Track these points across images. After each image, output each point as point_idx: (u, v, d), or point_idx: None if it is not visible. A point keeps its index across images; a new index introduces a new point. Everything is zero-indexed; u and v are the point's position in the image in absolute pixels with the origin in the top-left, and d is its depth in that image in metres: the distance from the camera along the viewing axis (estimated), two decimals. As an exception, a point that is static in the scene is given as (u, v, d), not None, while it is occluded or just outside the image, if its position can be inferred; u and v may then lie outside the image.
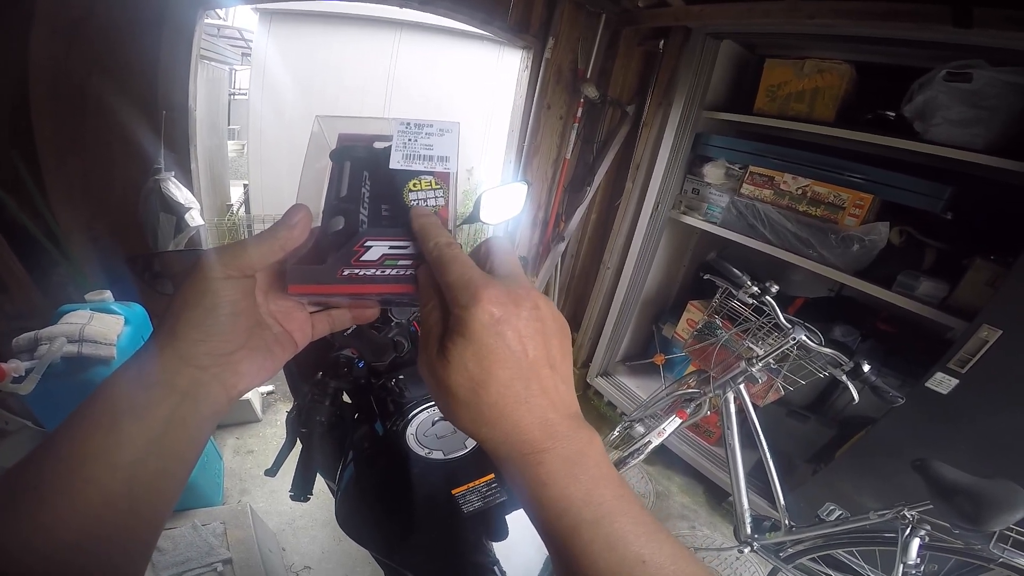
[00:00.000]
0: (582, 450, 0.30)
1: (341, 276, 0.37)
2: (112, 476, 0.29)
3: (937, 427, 1.63)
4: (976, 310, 1.52)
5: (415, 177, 0.42)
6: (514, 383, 0.30)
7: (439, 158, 0.42)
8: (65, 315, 1.39)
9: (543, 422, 0.30)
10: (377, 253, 0.37)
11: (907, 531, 1.33)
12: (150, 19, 1.69)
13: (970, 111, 1.55)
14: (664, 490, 2.46)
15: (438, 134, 0.43)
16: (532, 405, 0.30)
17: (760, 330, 1.72)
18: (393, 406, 0.92)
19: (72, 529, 0.28)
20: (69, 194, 1.76)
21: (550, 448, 0.30)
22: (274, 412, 2.54)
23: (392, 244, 0.38)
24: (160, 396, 0.32)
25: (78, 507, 0.28)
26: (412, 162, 0.42)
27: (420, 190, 0.41)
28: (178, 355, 0.33)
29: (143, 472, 0.31)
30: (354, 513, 0.86)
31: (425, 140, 0.42)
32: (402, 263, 0.37)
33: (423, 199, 0.41)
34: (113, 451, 0.30)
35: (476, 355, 0.30)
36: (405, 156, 0.42)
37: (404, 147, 0.42)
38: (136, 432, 0.31)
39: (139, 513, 0.31)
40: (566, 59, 2.53)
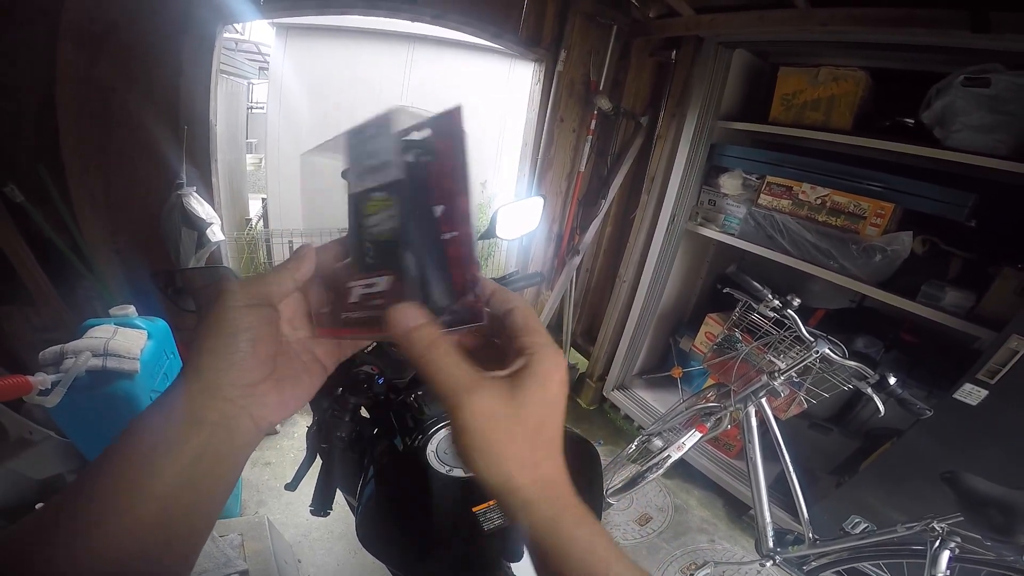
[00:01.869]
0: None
1: (344, 319, 0.37)
2: (145, 508, 0.30)
3: (966, 439, 1.60)
4: (1005, 320, 1.49)
5: (369, 198, 0.35)
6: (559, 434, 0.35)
7: (382, 165, 0.34)
8: (90, 329, 1.41)
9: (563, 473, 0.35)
10: (357, 295, 0.36)
11: (936, 543, 1.30)
12: (171, 34, 1.73)
13: (991, 116, 1.53)
14: (683, 503, 2.42)
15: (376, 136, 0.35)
16: (558, 458, 0.35)
17: (781, 343, 1.69)
18: (412, 422, 0.92)
19: (106, 560, 0.28)
20: (94, 208, 1.81)
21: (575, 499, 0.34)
22: (291, 424, 2.56)
23: (365, 284, 0.36)
24: (190, 430, 0.32)
25: (112, 539, 0.29)
26: (363, 179, 0.35)
27: (376, 212, 0.35)
28: (204, 387, 0.33)
29: (175, 505, 0.31)
30: (375, 529, 0.86)
31: (369, 146, 0.35)
32: (376, 302, 0.34)
33: (378, 224, 0.35)
34: (145, 484, 0.30)
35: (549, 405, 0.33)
36: (358, 175, 0.36)
37: (356, 164, 0.36)
38: (167, 466, 0.31)
39: (172, 545, 0.32)
40: (578, 72, 2.54)
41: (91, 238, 1.81)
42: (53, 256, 1.74)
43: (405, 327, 0.32)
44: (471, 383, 0.31)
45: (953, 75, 1.59)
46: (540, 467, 0.32)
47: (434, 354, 0.32)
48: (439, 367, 0.32)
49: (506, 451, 0.31)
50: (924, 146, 1.67)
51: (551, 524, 0.32)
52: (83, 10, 1.57)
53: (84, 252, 1.79)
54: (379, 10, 2.06)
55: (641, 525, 2.27)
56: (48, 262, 1.73)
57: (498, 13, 2.29)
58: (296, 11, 2.03)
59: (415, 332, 0.32)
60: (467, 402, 0.31)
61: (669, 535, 2.24)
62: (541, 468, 0.33)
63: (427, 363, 0.32)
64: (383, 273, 0.34)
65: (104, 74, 1.67)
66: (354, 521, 0.94)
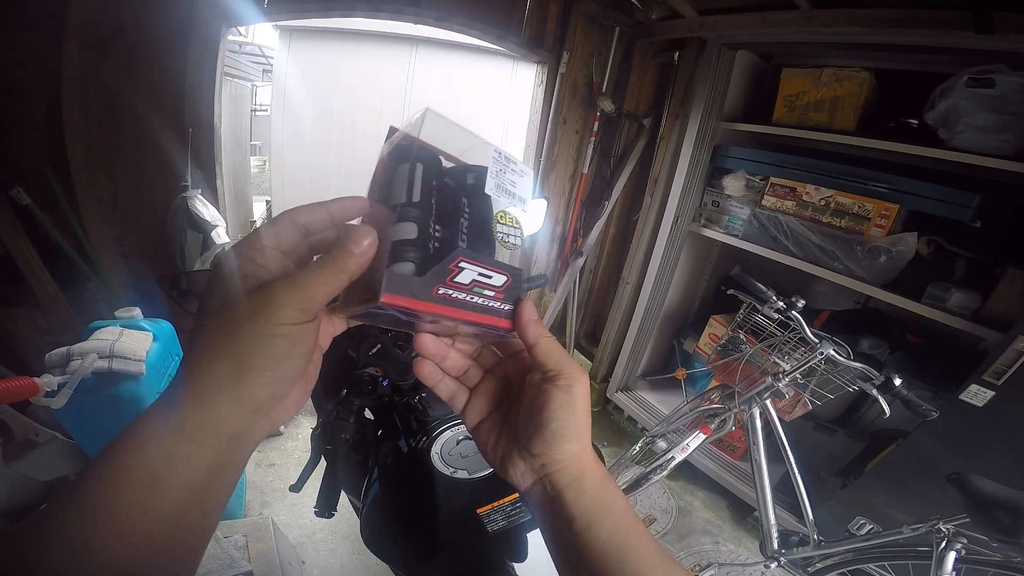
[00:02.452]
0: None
1: (436, 295, 0.34)
2: (152, 527, 0.29)
3: (972, 440, 1.59)
4: (1011, 321, 1.48)
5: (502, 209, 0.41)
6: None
7: (519, 198, 0.41)
8: (96, 331, 1.41)
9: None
10: (468, 277, 0.36)
11: (942, 545, 1.29)
12: (176, 36, 1.74)
13: (995, 117, 1.52)
14: (687, 505, 2.41)
15: (520, 173, 0.42)
16: None
17: (786, 345, 1.68)
18: (416, 424, 0.92)
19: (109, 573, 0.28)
20: (100, 211, 1.81)
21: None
22: (296, 425, 2.56)
23: (481, 271, 0.37)
24: (207, 445, 0.31)
25: (116, 557, 0.28)
26: (501, 193, 0.40)
27: (506, 224, 0.41)
28: (237, 400, 0.31)
29: (184, 518, 0.30)
30: (380, 531, 0.86)
31: (511, 175, 0.41)
32: (487, 292, 0.37)
33: (507, 234, 0.41)
34: (155, 506, 0.29)
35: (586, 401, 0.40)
36: (497, 186, 0.40)
37: (496, 175, 0.40)
38: (178, 484, 0.30)
39: (178, 556, 0.31)
40: (581, 73, 2.55)
41: (97, 241, 1.82)
42: (59, 259, 1.75)
43: (533, 317, 0.39)
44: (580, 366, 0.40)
45: (957, 76, 1.59)
46: (589, 439, 0.41)
47: (547, 340, 0.40)
48: (558, 349, 0.40)
49: (585, 423, 0.40)
50: (928, 147, 1.67)
51: (604, 484, 0.40)
52: (89, 13, 1.58)
53: (90, 255, 1.80)
54: (383, 13, 2.07)
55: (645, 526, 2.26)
56: (54, 265, 1.74)
57: (501, 15, 2.30)
58: (300, 14, 2.04)
59: (539, 324, 0.40)
60: (582, 380, 0.39)
61: (673, 537, 2.23)
62: (590, 441, 0.41)
63: (549, 344, 0.40)
64: (502, 272, 0.38)
65: (110, 77, 1.68)
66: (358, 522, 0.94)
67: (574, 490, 0.38)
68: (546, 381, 0.39)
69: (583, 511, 0.37)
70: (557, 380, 0.39)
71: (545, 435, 0.38)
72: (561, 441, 0.38)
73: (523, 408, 0.41)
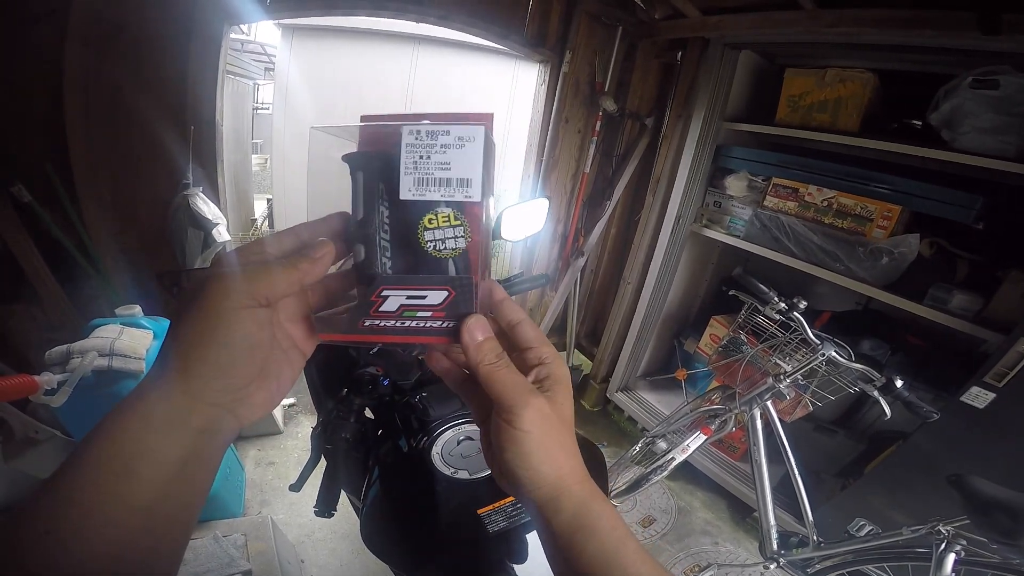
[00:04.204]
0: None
1: (362, 327, 0.35)
2: (130, 519, 0.29)
3: (973, 442, 1.59)
4: (1013, 323, 1.48)
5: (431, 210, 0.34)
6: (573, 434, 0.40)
7: (458, 182, 0.33)
8: (96, 329, 1.42)
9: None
10: (395, 304, 0.34)
11: (942, 546, 1.29)
12: (178, 34, 1.74)
13: (1000, 118, 1.51)
14: (686, 505, 2.41)
15: (456, 145, 0.33)
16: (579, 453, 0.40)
17: (787, 346, 1.68)
18: (417, 423, 0.92)
19: (92, 570, 0.28)
20: (101, 208, 1.81)
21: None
22: (295, 424, 2.56)
23: (409, 294, 0.34)
24: (175, 438, 0.31)
25: (94, 552, 0.28)
26: (426, 189, 0.33)
27: (437, 227, 0.34)
28: (190, 394, 0.31)
29: (161, 511, 0.30)
30: (379, 531, 0.86)
31: (440, 155, 0.33)
32: (422, 314, 0.35)
33: (439, 240, 0.34)
34: (130, 496, 0.29)
35: (568, 406, 0.39)
36: (417, 181, 0.33)
37: (415, 168, 0.33)
38: (152, 476, 0.30)
39: (158, 549, 0.31)
40: (583, 72, 2.54)
41: (98, 238, 1.82)
42: (60, 256, 1.74)
43: (478, 338, 0.35)
44: (531, 389, 0.36)
45: (961, 77, 1.58)
46: (573, 457, 0.38)
47: (501, 363, 0.36)
48: (504, 375, 0.36)
49: (553, 447, 0.36)
50: (932, 148, 1.66)
51: (584, 504, 0.36)
52: (91, 10, 1.58)
53: (91, 252, 1.80)
54: (385, 11, 2.07)
55: (645, 527, 2.26)
56: (55, 262, 1.73)
57: (503, 14, 2.29)
58: (302, 12, 2.03)
59: (486, 344, 0.36)
60: (531, 404, 0.35)
61: (673, 537, 2.23)
62: (573, 459, 0.38)
63: (490, 372, 0.36)
64: (438, 288, 0.34)
65: (111, 74, 1.68)
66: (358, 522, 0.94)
67: (550, 510, 0.36)
68: (495, 412, 0.37)
69: (563, 530, 0.36)
70: (500, 413, 0.36)
71: (502, 465, 0.37)
72: (519, 471, 0.36)
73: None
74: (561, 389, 0.38)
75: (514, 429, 0.35)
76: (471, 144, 0.33)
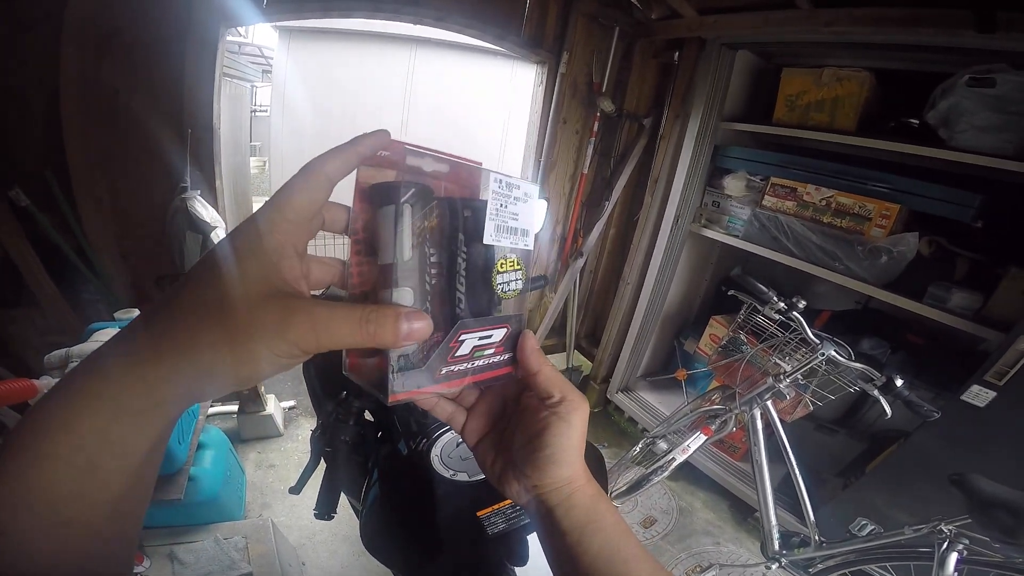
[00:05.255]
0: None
1: (439, 376, 0.34)
2: (93, 515, 0.27)
3: (974, 440, 1.59)
4: (1012, 321, 1.48)
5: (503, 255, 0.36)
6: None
7: (521, 232, 0.36)
8: (95, 332, 1.41)
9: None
10: (469, 347, 0.35)
11: (944, 545, 1.29)
12: (175, 36, 1.73)
13: (997, 116, 1.52)
14: (688, 506, 2.41)
15: (523, 199, 0.36)
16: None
17: (787, 345, 1.68)
18: (416, 426, 0.91)
19: (55, 566, 0.26)
20: (99, 211, 1.81)
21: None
22: (295, 427, 2.56)
23: (482, 335, 0.35)
24: (148, 425, 0.27)
25: (55, 550, 0.26)
26: (502, 235, 0.35)
27: (506, 271, 0.36)
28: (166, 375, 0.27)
29: (126, 502, 0.29)
30: (380, 533, 0.86)
31: (512, 207, 0.35)
32: (488, 351, 0.36)
33: (507, 283, 0.37)
34: (93, 493, 0.27)
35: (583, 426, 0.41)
36: (497, 228, 0.34)
37: (497, 215, 0.34)
38: (118, 469, 0.27)
39: (123, 535, 0.30)
40: (581, 73, 2.54)
41: (96, 241, 1.81)
42: (58, 259, 1.74)
43: (532, 349, 0.39)
44: (580, 393, 0.41)
45: (958, 75, 1.58)
46: (582, 461, 0.42)
47: (550, 369, 0.40)
48: (555, 379, 0.40)
49: (579, 448, 0.40)
50: (929, 147, 1.66)
51: (593, 502, 0.40)
52: (87, 13, 1.57)
53: (89, 255, 1.80)
54: (382, 13, 2.06)
55: (646, 527, 2.26)
56: (53, 265, 1.73)
57: (500, 15, 2.29)
58: (299, 14, 2.03)
59: (538, 353, 0.40)
60: (582, 408, 0.40)
61: (674, 538, 2.23)
62: (583, 462, 0.42)
63: (545, 375, 0.40)
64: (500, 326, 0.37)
65: (108, 77, 1.68)
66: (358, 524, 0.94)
67: (564, 507, 0.39)
68: (545, 408, 0.40)
69: (574, 527, 0.39)
70: (558, 408, 0.39)
71: (538, 460, 0.39)
72: (554, 467, 0.39)
73: (519, 431, 0.42)
74: (581, 406, 0.41)
75: (567, 424, 0.39)
76: (531, 200, 0.37)
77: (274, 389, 2.62)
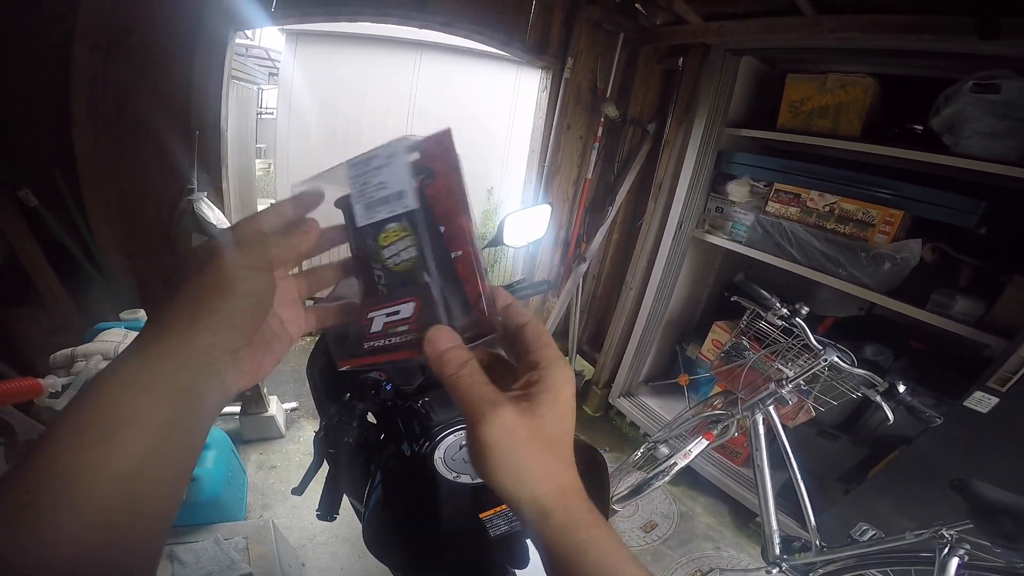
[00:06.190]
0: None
1: (364, 350, 0.38)
2: (110, 489, 0.27)
3: (976, 446, 1.58)
4: (1016, 328, 1.48)
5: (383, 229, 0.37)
6: (570, 446, 0.35)
7: (395, 195, 0.35)
8: (101, 332, 1.42)
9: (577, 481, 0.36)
10: (379, 324, 0.37)
11: (945, 550, 1.28)
12: (184, 39, 1.75)
13: (1001, 123, 1.52)
14: (688, 510, 2.40)
15: (386, 165, 0.36)
16: (572, 468, 0.36)
17: (789, 351, 1.68)
18: (419, 428, 0.92)
19: (71, 546, 0.26)
20: (106, 212, 1.82)
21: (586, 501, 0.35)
22: (297, 428, 2.56)
23: (387, 312, 0.36)
24: (158, 398, 0.30)
25: (75, 524, 0.26)
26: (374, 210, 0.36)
27: (391, 243, 0.37)
28: (186, 349, 0.31)
29: (142, 483, 0.29)
30: (382, 535, 0.86)
31: (377, 177, 0.36)
32: (401, 328, 0.36)
33: (396, 254, 0.37)
34: (109, 463, 0.28)
35: (560, 419, 0.34)
36: (366, 207, 0.37)
37: (362, 195, 0.37)
38: (133, 441, 0.28)
39: (140, 525, 0.30)
40: (585, 79, 2.55)
41: (103, 242, 1.83)
42: (65, 260, 1.75)
43: (439, 349, 0.34)
44: (494, 400, 0.33)
45: (962, 81, 1.58)
46: (557, 478, 0.34)
47: (463, 373, 0.34)
48: (467, 385, 0.33)
49: (526, 464, 0.33)
50: (933, 153, 1.67)
51: (566, 530, 0.33)
52: (98, 16, 1.59)
53: (96, 256, 1.81)
54: (388, 17, 2.08)
55: (647, 532, 2.25)
56: (60, 266, 1.74)
57: (506, 20, 2.31)
58: (306, 18, 2.05)
59: (448, 353, 0.34)
60: (491, 418, 0.32)
61: (675, 542, 2.22)
62: (558, 479, 0.34)
63: (456, 381, 0.34)
64: (406, 300, 0.36)
65: (118, 79, 1.69)
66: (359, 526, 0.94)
67: (535, 530, 0.34)
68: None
69: (554, 545, 0.33)
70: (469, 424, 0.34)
71: (492, 473, 0.34)
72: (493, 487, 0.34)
73: None
74: (547, 399, 0.34)
75: (477, 443, 0.33)
76: (396, 157, 0.35)
77: (276, 391, 2.63)
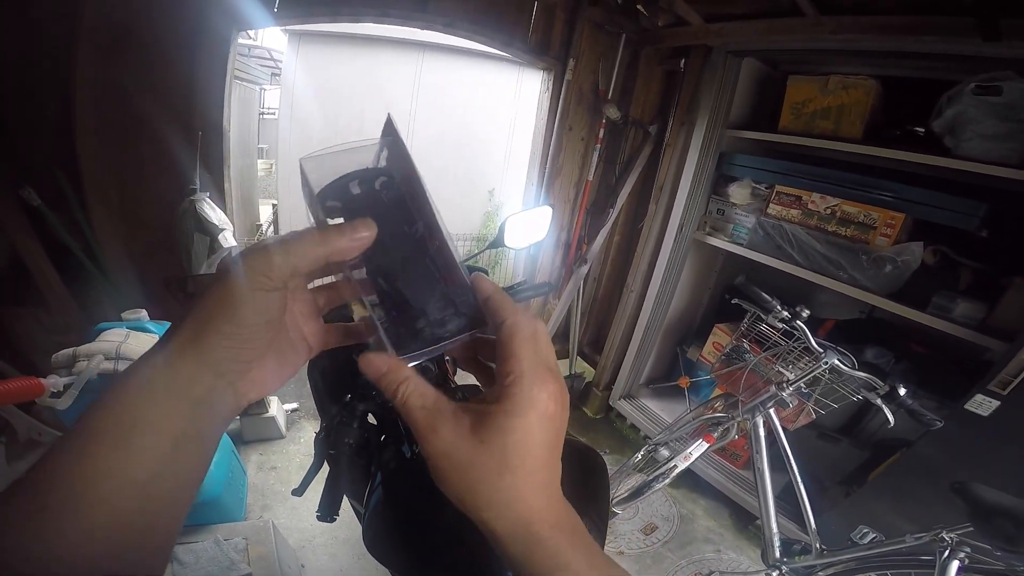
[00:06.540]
0: (583, 529, 0.34)
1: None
2: (124, 495, 0.28)
3: (977, 449, 1.58)
4: (1017, 331, 1.48)
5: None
6: (539, 472, 0.32)
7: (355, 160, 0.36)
8: (102, 332, 1.42)
9: (554, 505, 0.33)
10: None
11: (945, 554, 1.28)
12: (187, 38, 1.75)
13: (1003, 125, 1.51)
14: (689, 513, 2.40)
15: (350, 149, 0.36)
16: (551, 491, 0.33)
17: (790, 354, 1.68)
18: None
19: (85, 549, 0.27)
20: (108, 212, 1.83)
21: (562, 529, 0.32)
22: (298, 429, 2.57)
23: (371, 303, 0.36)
24: (173, 406, 0.30)
25: (89, 527, 0.27)
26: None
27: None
28: (200, 360, 0.31)
29: (156, 489, 0.29)
30: (382, 536, 0.86)
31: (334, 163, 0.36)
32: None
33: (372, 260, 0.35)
34: (124, 469, 0.28)
35: (518, 443, 0.31)
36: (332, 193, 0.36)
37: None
38: (148, 447, 0.29)
39: (152, 530, 0.30)
40: (587, 80, 2.56)
41: (105, 242, 1.83)
42: (67, 259, 1.76)
43: (376, 374, 0.33)
44: (435, 411, 0.32)
45: (964, 83, 1.58)
46: (511, 506, 0.31)
47: (405, 390, 0.32)
48: (408, 401, 0.32)
49: (469, 484, 0.31)
50: (935, 155, 1.66)
51: (521, 560, 0.31)
52: (100, 14, 1.59)
53: (98, 256, 1.81)
54: (390, 18, 2.09)
55: (647, 534, 2.25)
56: (62, 265, 1.75)
57: (508, 21, 2.31)
58: (308, 18, 2.05)
59: (385, 378, 0.33)
60: (431, 431, 0.31)
61: (675, 545, 2.22)
62: (512, 507, 0.31)
63: (400, 401, 0.33)
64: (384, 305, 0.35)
65: (120, 78, 1.70)
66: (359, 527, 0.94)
67: (499, 552, 0.32)
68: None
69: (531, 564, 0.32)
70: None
71: (459, 496, 0.32)
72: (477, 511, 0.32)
73: None
74: (500, 423, 0.31)
75: (423, 451, 0.32)
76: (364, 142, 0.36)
77: (277, 392, 2.63)
